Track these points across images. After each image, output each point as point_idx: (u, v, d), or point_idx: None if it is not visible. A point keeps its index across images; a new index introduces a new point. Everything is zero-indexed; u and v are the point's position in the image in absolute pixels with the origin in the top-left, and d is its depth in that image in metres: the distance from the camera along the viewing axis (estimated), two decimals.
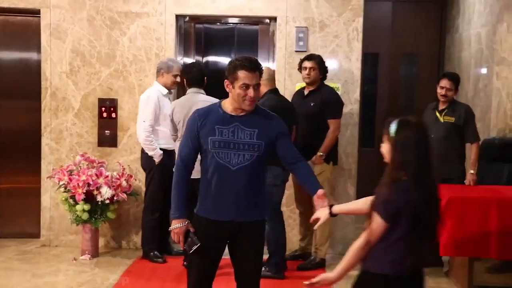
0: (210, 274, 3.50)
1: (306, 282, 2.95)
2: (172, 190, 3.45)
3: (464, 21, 7.64)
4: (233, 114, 3.38)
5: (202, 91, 5.38)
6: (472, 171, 5.47)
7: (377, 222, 2.81)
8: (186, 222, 3.40)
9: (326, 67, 5.67)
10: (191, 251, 3.39)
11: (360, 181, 6.37)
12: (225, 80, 3.39)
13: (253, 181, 3.39)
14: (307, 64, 5.57)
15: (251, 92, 3.30)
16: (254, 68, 3.32)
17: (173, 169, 3.49)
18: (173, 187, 3.44)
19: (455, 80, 5.65)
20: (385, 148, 2.91)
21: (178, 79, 5.74)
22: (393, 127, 2.85)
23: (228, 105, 3.41)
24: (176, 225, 3.40)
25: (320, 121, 5.53)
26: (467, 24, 7.52)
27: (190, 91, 5.40)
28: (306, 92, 5.66)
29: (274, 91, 5.40)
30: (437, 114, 5.68)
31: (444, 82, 5.61)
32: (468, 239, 4.80)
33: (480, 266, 5.13)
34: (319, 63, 5.58)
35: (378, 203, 2.83)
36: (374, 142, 8.85)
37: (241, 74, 3.30)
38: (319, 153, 5.48)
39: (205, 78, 5.39)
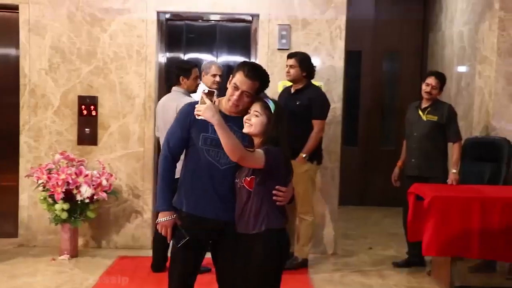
0: (193, 273, 3.48)
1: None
2: (158, 181, 3.44)
3: (447, 19, 7.68)
4: (227, 113, 3.36)
5: (183, 90, 5.30)
6: (454, 170, 5.49)
7: (260, 154, 3.20)
8: (174, 215, 3.41)
9: (311, 65, 5.60)
10: (178, 245, 3.39)
11: (343, 180, 6.37)
12: (231, 75, 3.41)
13: None
14: (288, 61, 5.56)
15: (237, 95, 3.30)
16: (251, 76, 3.29)
17: (160, 158, 3.47)
18: (160, 178, 3.43)
19: (442, 79, 5.67)
20: (259, 120, 3.28)
21: (218, 78, 5.73)
22: (271, 104, 3.30)
23: (224, 103, 3.40)
24: (164, 218, 3.40)
25: (305, 121, 5.50)
26: (449, 22, 7.56)
27: (174, 89, 5.36)
28: (292, 90, 5.64)
29: None
30: (420, 112, 5.69)
31: (431, 80, 5.63)
32: (450, 239, 4.81)
33: (462, 266, 5.16)
34: (299, 61, 5.51)
35: (263, 148, 3.24)
36: (357, 141, 8.90)
37: (237, 74, 3.31)
38: (302, 154, 5.47)
39: (181, 77, 5.31)
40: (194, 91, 5.39)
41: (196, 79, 5.40)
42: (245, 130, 3.31)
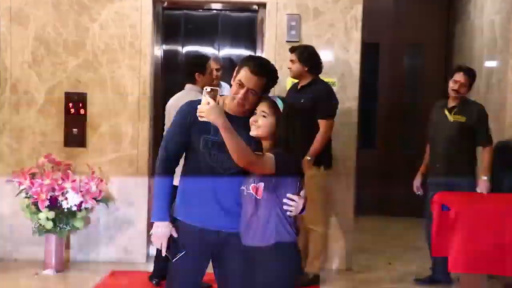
0: None
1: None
2: (154, 188, 3.41)
3: (476, 7, 7.62)
4: (232, 114, 3.30)
5: (197, 88, 5.25)
6: (485, 177, 5.41)
7: (270, 159, 3.13)
8: (170, 226, 3.37)
9: (315, 58, 5.54)
10: (174, 259, 3.35)
11: (359, 187, 6.29)
12: (235, 71, 3.37)
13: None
14: (289, 56, 5.56)
15: (242, 93, 3.25)
16: (257, 72, 3.25)
17: (157, 163, 3.43)
18: (156, 184, 3.40)
19: (471, 76, 5.63)
20: (268, 121, 3.22)
21: (215, 73, 5.63)
22: (279, 103, 3.25)
23: (229, 101, 3.34)
24: (159, 229, 3.36)
25: (311, 120, 5.42)
26: (479, 11, 7.49)
27: (187, 87, 5.34)
28: (298, 87, 5.59)
29: None
30: (446, 112, 5.62)
31: (459, 76, 5.56)
32: (481, 254, 4.70)
33: (494, 284, 5.08)
34: (299, 54, 5.48)
35: (273, 152, 3.18)
36: (375, 143, 8.82)
37: (242, 71, 3.27)
38: (307, 157, 5.38)
39: (196, 74, 5.27)
40: None
41: (212, 74, 5.38)
42: (252, 133, 3.26)
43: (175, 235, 3.36)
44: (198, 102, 3.24)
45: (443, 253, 5.04)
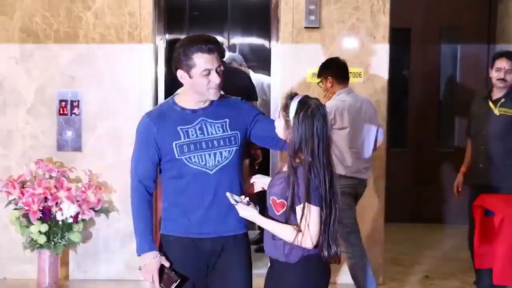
0: None
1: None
2: (133, 218, 3.46)
3: None
4: (194, 108, 3.39)
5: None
6: None
7: (314, 211, 3.09)
8: (158, 256, 3.41)
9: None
10: None
11: (390, 191, 6.28)
12: (178, 70, 3.37)
13: (234, 183, 3.41)
14: None
15: (214, 77, 3.31)
16: (212, 48, 3.30)
17: (130, 192, 3.50)
18: (134, 215, 3.46)
19: None
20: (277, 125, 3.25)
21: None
22: (293, 104, 3.13)
23: (185, 98, 3.43)
24: (148, 261, 3.40)
25: None
26: None
27: None
28: None
29: None
30: (491, 104, 5.62)
31: (502, 62, 5.58)
32: None
33: None
34: None
35: (303, 193, 3.09)
36: (407, 141, 8.80)
37: (198, 59, 3.29)
38: None
39: None
40: None
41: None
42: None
43: (166, 264, 3.39)
44: (154, 112, 3.44)
45: (488, 265, 5.04)
